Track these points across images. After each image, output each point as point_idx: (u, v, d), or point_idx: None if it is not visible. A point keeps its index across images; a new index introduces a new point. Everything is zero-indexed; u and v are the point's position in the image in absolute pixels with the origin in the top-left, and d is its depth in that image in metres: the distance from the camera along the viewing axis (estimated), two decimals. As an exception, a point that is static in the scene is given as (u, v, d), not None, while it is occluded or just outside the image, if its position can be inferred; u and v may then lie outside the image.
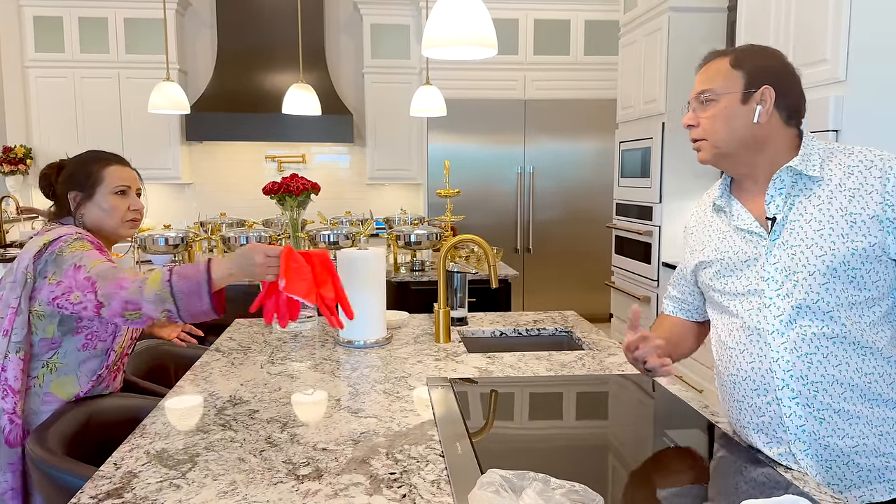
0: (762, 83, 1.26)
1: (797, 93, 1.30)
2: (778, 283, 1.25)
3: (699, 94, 1.32)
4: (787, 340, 1.23)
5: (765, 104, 1.26)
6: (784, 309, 1.24)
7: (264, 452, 1.30)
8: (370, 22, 5.98)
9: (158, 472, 1.22)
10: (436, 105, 4.02)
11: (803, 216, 1.25)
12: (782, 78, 1.28)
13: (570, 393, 1.68)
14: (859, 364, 1.21)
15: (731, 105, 1.28)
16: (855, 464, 1.22)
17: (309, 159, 6.44)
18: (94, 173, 1.75)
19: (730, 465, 1.25)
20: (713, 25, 3.86)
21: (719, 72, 1.30)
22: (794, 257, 1.23)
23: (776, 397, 1.24)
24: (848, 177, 1.24)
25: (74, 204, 1.75)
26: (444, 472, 1.21)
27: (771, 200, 1.28)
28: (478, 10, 1.88)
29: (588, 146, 5.86)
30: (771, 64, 1.29)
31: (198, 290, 1.53)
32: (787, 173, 1.27)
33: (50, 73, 5.74)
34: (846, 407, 1.21)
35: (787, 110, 1.28)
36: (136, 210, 1.80)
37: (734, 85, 1.28)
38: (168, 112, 3.98)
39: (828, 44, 2.51)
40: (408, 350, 2.04)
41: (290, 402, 1.59)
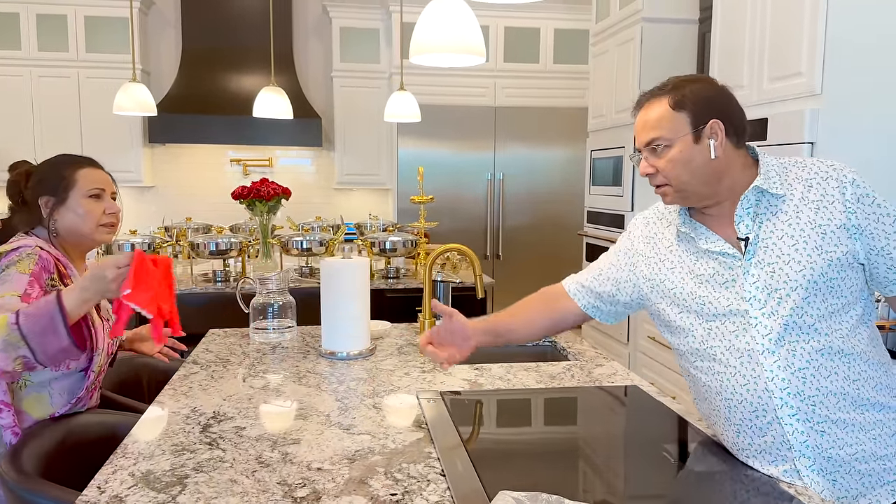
0: (708, 117, 1.26)
1: (738, 113, 1.31)
2: (761, 301, 1.25)
3: (649, 144, 1.31)
4: (778, 358, 1.23)
5: (716, 137, 1.27)
6: (772, 328, 1.24)
7: (257, 473, 1.25)
8: (339, 25, 5.92)
9: (147, 495, 1.16)
10: (410, 111, 3.99)
11: (774, 233, 1.26)
12: (723, 104, 1.29)
13: (564, 406, 1.66)
14: (846, 372, 1.23)
15: (685, 148, 1.28)
16: (857, 471, 1.23)
17: (275, 163, 6.33)
18: (66, 177, 1.67)
19: (735, 481, 1.24)
20: (685, 36, 3.91)
21: (662, 116, 1.29)
22: (774, 274, 1.24)
23: (776, 416, 1.24)
24: (808, 189, 1.26)
25: (47, 210, 1.66)
26: (448, 491, 1.18)
27: (740, 221, 1.29)
28: (466, 17, 1.86)
29: (558, 153, 5.89)
30: (708, 94, 1.29)
31: (51, 325, 1.38)
32: (752, 193, 1.28)
33: (5, 71, 5.52)
34: (841, 416, 1.22)
35: (735, 135, 1.29)
36: (113, 213, 1.72)
37: (682, 127, 1.27)
38: (134, 114, 3.86)
39: (803, 57, 2.55)
40: (393, 361, 1.99)
41: (276, 418, 1.53)
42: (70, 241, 1.68)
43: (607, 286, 1.49)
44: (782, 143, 2.61)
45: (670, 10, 3.88)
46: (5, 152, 5.53)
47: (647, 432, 1.51)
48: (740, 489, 1.21)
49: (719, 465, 1.31)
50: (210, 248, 3.36)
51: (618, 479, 1.27)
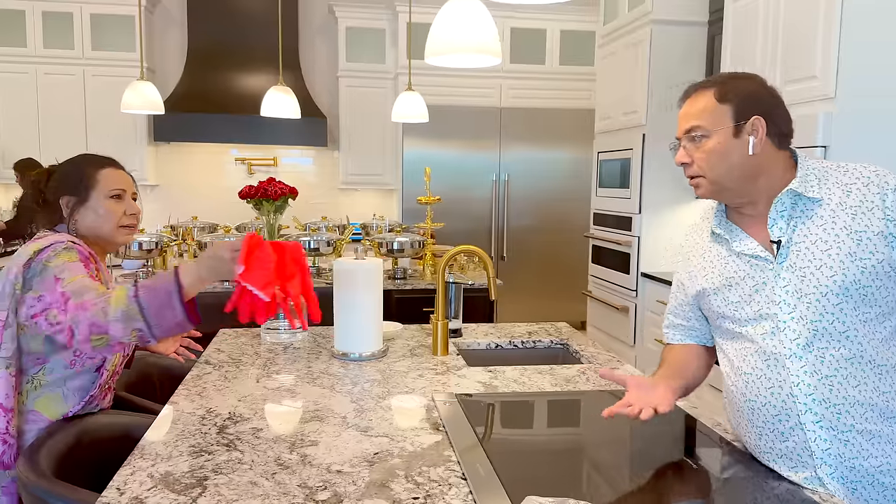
0: (751, 113, 1.26)
1: (784, 115, 1.30)
2: (790, 306, 1.24)
3: (688, 131, 1.31)
4: (805, 364, 1.22)
5: (756, 134, 1.26)
6: (800, 332, 1.23)
7: (276, 475, 1.24)
8: (345, 25, 5.91)
9: (167, 497, 1.15)
10: (417, 111, 3.98)
11: (808, 237, 1.24)
12: (769, 104, 1.28)
13: (583, 410, 1.65)
14: (877, 383, 1.21)
15: (724, 140, 1.27)
16: (880, 483, 1.21)
17: (279, 162, 6.32)
18: (87, 177, 1.66)
19: (758, 488, 1.23)
20: (694, 38, 3.90)
21: (706, 107, 1.29)
22: (805, 279, 1.23)
23: (799, 422, 1.23)
24: (847, 195, 1.24)
25: (67, 209, 1.65)
26: (470, 496, 1.17)
27: (774, 224, 1.28)
28: (482, 17, 1.85)
29: (563, 155, 5.88)
30: (755, 91, 1.28)
31: (168, 301, 1.41)
32: (787, 196, 1.27)
33: (10, 68, 5.52)
34: (868, 427, 1.21)
35: (777, 136, 1.28)
36: (133, 214, 1.72)
37: (724, 120, 1.27)
38: (142, 112, 3.85)
39: (817, 60, 2.54)
40: (406, 363, 1.98)
41: (293, 419, 1.52)
42: (89, 241, 1.67)
43: (678, 317, 1.52)
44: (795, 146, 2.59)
45: (679, 12, 3.87)
46: (11, 150, 5.53)
47: (668, 437, 1.50)
48: (763, 496, 1.20)
49: (742, 472, 1.30)
50: (218, 247, 3.34)
51: (640, 486, 1.26)
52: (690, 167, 1.32)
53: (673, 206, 4.00)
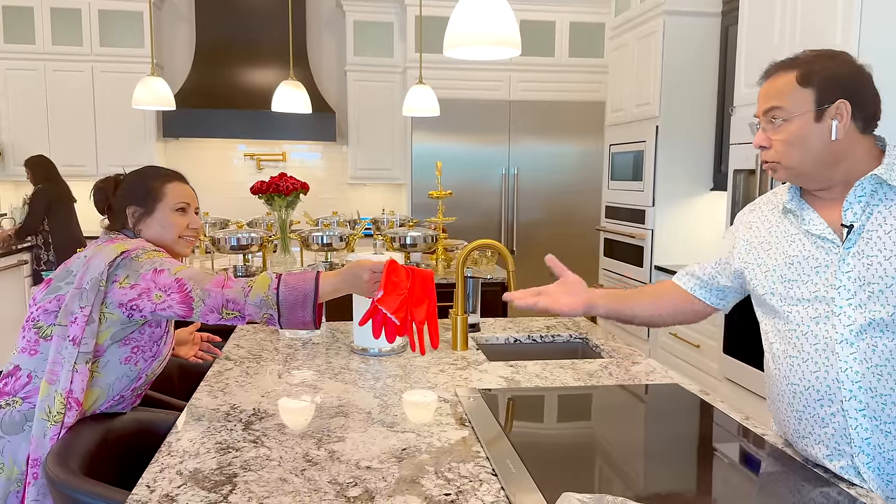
0: (835, 97, 1.20)
1: (871, 97, 1.24)
2: (850, 292, 1.21)
3: (768, 112, 1.26)
4: (856, 351, 1.20)
5: (840, 118, 1.20)
6: (856, 319, 1.20)
7: (306, 472, 1.23)
8: (353, 19, 5.89)
9: (197, 494, 1.14)
10: (428, 105, 3.96)
11: (882, 227, 1.20)
12: (855, 86, 1.22)
13: (608, 404, 1.64)
14: None
15: (805, 125, 1.22)
16: None
17: (288, 158, 6.32)
18: (154, 189, 1.70)
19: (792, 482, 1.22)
20: (707, 29, 3.87)
21: (787, 89, 1.23)
22: (870, 268, 1.20)
23: (842, 408, 1.21)
24: None
25: (133, 219, 1.68)
26: (502, 492, 1.16)
27: (849, 208, 1.23)
28: (502, 8, 1.83)
29: (573, 148, 5.85)
30: (841, 72, 1.23)
31: (303, 301, 1.53)
32: (870, 181, 1.22)
33: (20, 65, 5.51)
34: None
35: (863, 120, 1.23)
36: (195, 228, 1.75)
37: (805, 104, 1.22)
38: (153, 108, 3.85)
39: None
40: (426, 358, 1.98)
41: (318, 415, 1.52)
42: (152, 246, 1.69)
43: (708, 270, 1.52)
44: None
45: (693, 2, 3.84)
46: (20, 146, 5.53)
47: (698, 432, 1.49)
48: (799, 490, 1.19)
49: (774, 466, 1.28)
50: (231, 243, 3.34)
51: (673, 479, 1.25)
52: (768, 151, 1.28)
53: (687, 199, 3.97)
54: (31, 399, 1.50)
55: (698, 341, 3.48)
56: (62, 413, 1.45)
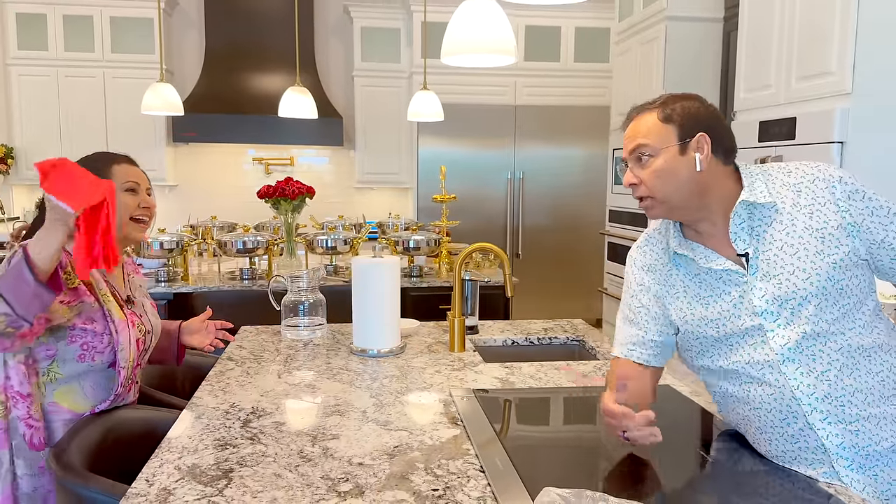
0: (695, 131, 1.26)
1: (727, 131, 1.31)
2: (774, 314, 1.24)
3: (635, 151, 1.30)
4: (800, 365, 1.23)
5: (702, 151, 1.26)
6: (789, 337, 1.23)
7: (300, 467, 1.27)
8: (360, 25, 5.95)
9: (194, 488, 1.19)
10: (432, 110, 4.01)
11: (774, 244, 1.25)
12: (711, 122, 1.28)
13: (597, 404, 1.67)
14: (868, 366, 1.23)
15: (670, 158, 1.27)
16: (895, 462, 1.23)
17: (296, 162, 6.38)
18: (101, 171, 1.66)
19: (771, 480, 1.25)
20: (709, 35, 3.90)
21: (651, 129, 1.29)
22: (781, 286, 1.24)
23: (807, 422, 1.24)
24: (798, 195, 1.26)
25: None
26: (488, 488, 1.19)
27: (736, 237, 1.28)
28: (497, 17, 1.87)
29: (577, 152, 5.88)
30: (697, 110, 1.28)
31: (19, 272, 1.37)
32: (742, 207, 1.27)
33: (33, 71, 5.61)
34: (872, 411, 1.22)
35: (723, 152, 1.29)
36: (146, 208, 1.74)
37: (669, 138, 1.27)
38: (162, 113, 3.91)
39: (833, 56, 2.54)
40: (423, 359, 2.01)
41: (314, 413, 1.56)
42: None
43: (651, 332, 1.42)
44: (811, 142, 2.60)
45: (695, 8, 3.87)
46: (33, 151, 5.63)
47: (681, 430, 1.52)
48: (777, 487, 1.22)
49: (757, 465, 1.31)
50: (237, 246, 3.40)
51: (655, 477, 1.28)
52: (639, 188, 1.31)
53: (689, 203, 4.00)
54: None
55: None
56: (4, 405, 1.51)
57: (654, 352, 1.43)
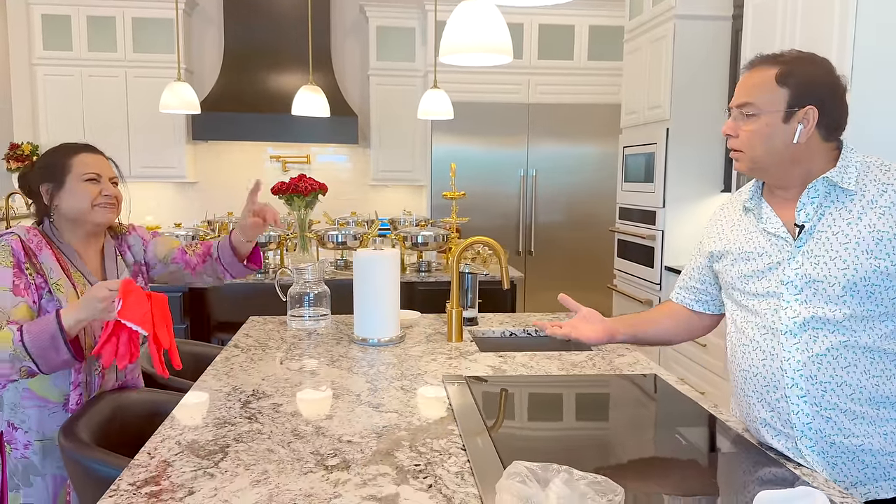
0: (806, 103, 1.25)
1: (840, 109, 1.29)
2: (797, 287, 1.28)
3: (741, 106, 1.32)
4: (799, 341, 1.28)
5: (806, 124, 1.25)
6: (800, 313, 1.28)
7: (292, 444, 1.35)
8: (376, 24, 6.03)
9: (191, 461, 1.27)
10: (442, 108, 4.07)
11: (831, 228, 1.27)
12: (827, 95, 1.27)
13: (583, 391, 1.73)
14: (867, 367, 1.25)
15: (771, 123, 1.27)
16: (861, 461, 1.27)
17: (313, 160, 6.48)
18: (62, 163, 1.71)
19: (740, 461, 1.30)
20: (718, 33, 3.91)
21: (764, 85, 1.28)
22: (817, 267, 1.26)
23: (785, 395, 1.29)
24: (881, 194, 1.25)
25: (48, 196, 1.72)
26: (467, 464, 1.26)
27: (802, 208, 1.30)
28: (493, 17, 1.93)
29: (591, 150, 5.91)
30: (818, 78, 1.27)
31: (53, 343, 1.49)
32: (822, 183, 1.28)
33: (57, 70, 5.77)
34: (852, 407, 1.26)
35: (826, 128, 1.28)
36: (108, 195, 1.74)
37: (777, 102, 1.26)
38: (179, 111, 4.02)
39: (833, 54, 2.56)
40: (421, 349, 2.08)
41: (311, 396, 1.64)
42: (71, 226, 1.74)
43: (696, 281, 1.60)
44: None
45: (703, 6, 3.88)
46: (57, 149, 5.78)
47: (663, 416, 1.57)
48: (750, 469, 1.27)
49: (730, 448, 1.36)
50: (250, 240, 3.49)
51: (630, 456, 1.34)
52: (734, 140, 1.35)
53: (696, 201, 4.02)
54: None
55: (704, 340, 3.53)
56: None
57: (695, 297, 1.62)
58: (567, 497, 0.96)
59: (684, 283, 1.64)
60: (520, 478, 1.05)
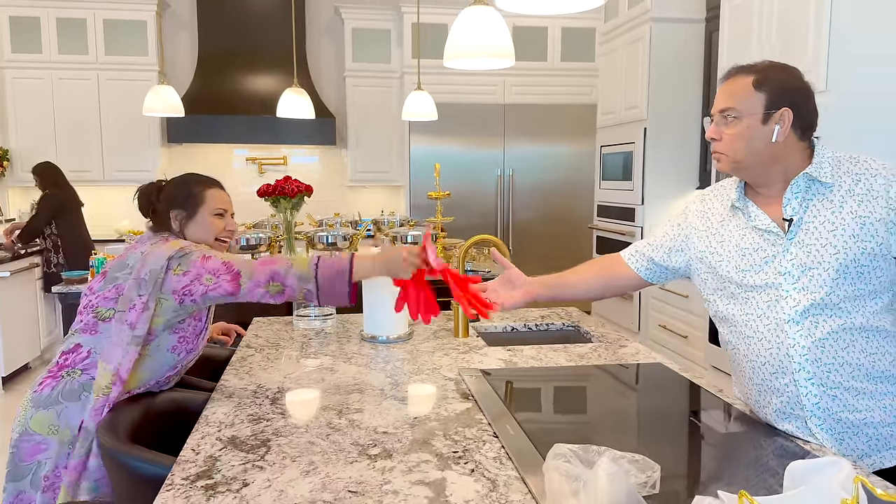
0: (781, 105, 1.37)
1: (812, 111, 1.42)
2: (794, 277, 1.39)
3: (722, 111, 1.44)
4: (802, 328, 1.38)
5: (783, 124, 1.37)
6: (800, 301, 1.38)
7: (330, 436, 1.40)
8: (351, 26, 6.07)
9: (237, 455, 1.31)
10: (427, 109, 4.14)
11: (817, 218, 1.38)
12: (800, 99, 1.39)
13: (596, 380, 1.81)
14: (864, 346, 1.37)
15: (752, 125, 1.39)
16: (865, 434, 1.37)
17: (289, 161, 6.48)
18: (197, 195, 1.87)
19: (754, 439, 1.40)
20: (692, 35, 4.06)
21: (742, 91, 1.40)
22: (810, 255, 1.37)
23: (794, 379, 1.39)
24: (856, 183, 1.37)
25: (177, 221, 1.85)
26: (502, 450, 1.33)
27: (788, 203, 1.41)
28: (497, 23, 2.01)
29: (565, 149, 6.04)
30: (790, 84, 1.40)
31: (339, 276, 1.70)
32: (803, 179, 1.40)
33: (27, 73, 5.68)
34: (854, 384, 1.37)
35: (801, 129, 1.40)
36: (230, 231, 1.92)
37: (756, 106, 1.38)
38: (163, 115, 4.02)
39: (809, 54, 2.70)
40: (431, 345, 2.15)
41: (336, 391, 1.69)
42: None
43: (660, 253, 1.66)
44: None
45: (678, 9, 4.02)
46: (28, 153, 5.69)
47: (673, 401, 1.66)
48: (761, 444, 1.37)
49: (740, 427, 1.46)
50: (241, 242, 3.51)
51: (651, 437, 1.42)
52: (717, 143, 1.46)
53: (674, 197, 4.16)
54: (89, 371, 1.67)
55: (686, 332, 3.66)
56: (109, 388, 1.62)
57: (646, 266, 1.68)
58: (615, 473, 1.03)
59: (646, 250, 1.69)
60: (565, 458, 1.12)
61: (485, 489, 1.17)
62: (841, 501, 0.96)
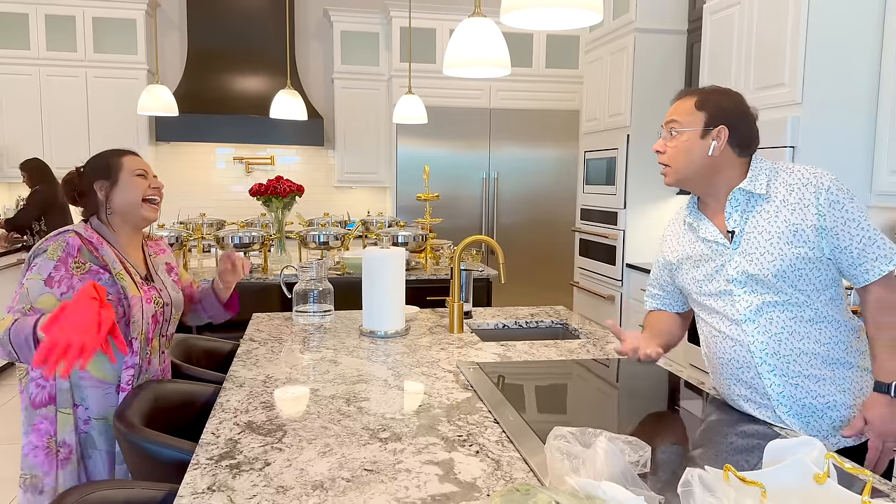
0: (719, 123, 1.53)
1: (749, 131, 1.56)
2: (742, 283, 1.53)
3: (668, 124, 1.59)
4: (758, 326, 1.52)
5: (719, 140, 1.53)
6: (752, 302, 1.52)
7: (342, 422, 1.49)
8: (340, 29, 6.14)
9: (256, 438, 1.40)
10: (417, 113, 4.23)
11: (756, 228, 1.53)
12: (737, 120, 1.54)
13: (585, 372, 1.92)
14: (818, 336, 1.50)
15: (691, 139, 1.54)
16: (828, 417, 1.51)
17: (276, 162, 6.54)
18: (114, 162, 1.91)
19: (731, 424, 1.52)
20: (674, 46, 4.20)
21: (686, 109, 1.56)
22: (752, 263, 1.51)
23: (758, 372, 1.53)
24: (790, 193, 1.51)
25: (103, 192, 1.88)
26: (503, 434, 1.43)
27: (729, 216, 1.56)
28: (494, 34, 2.11)
29: (549, 153, 6.17)
30: (728, 107, 1.55)
31: (27, 344, 1.61)
32: (739, 193, 1.55)
33: (14, 70, 5.68)
34: (814, 372, 1.51)
35: (738, 146, 1.55)
36: (156, 188, 1.94)
37: (696, 123, 1.54)
38: (158, 114, 4.07)
39: (786, 69, 2.85)
40: (428, 340, 2.24)
41: (343, 381, 1.78)
42: (120, 221, 1.90)
43: (659, 283, 1.80)
44: (766, 146, 2.90)
45: (661, 21, 4.16)
46: (15, 150, 5.69)
47: (658, 391, 1.78)
48: (734, 426, 1.49)
49: (717, 414, 1.58)
50: (234, 241, 3.58)
51: (638, 422, 1.53)
52: (662, 156, 1.61)
53: (655, 202, 4.30)
54: None
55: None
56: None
57: (661, 301, 1.80)
58: (612, 451, 1.14)
59: (650, 292, 1.84)
60: (564, 439, 1.22)
61: (490, 468, 1.27)
62: (814, 476, 1.08)
